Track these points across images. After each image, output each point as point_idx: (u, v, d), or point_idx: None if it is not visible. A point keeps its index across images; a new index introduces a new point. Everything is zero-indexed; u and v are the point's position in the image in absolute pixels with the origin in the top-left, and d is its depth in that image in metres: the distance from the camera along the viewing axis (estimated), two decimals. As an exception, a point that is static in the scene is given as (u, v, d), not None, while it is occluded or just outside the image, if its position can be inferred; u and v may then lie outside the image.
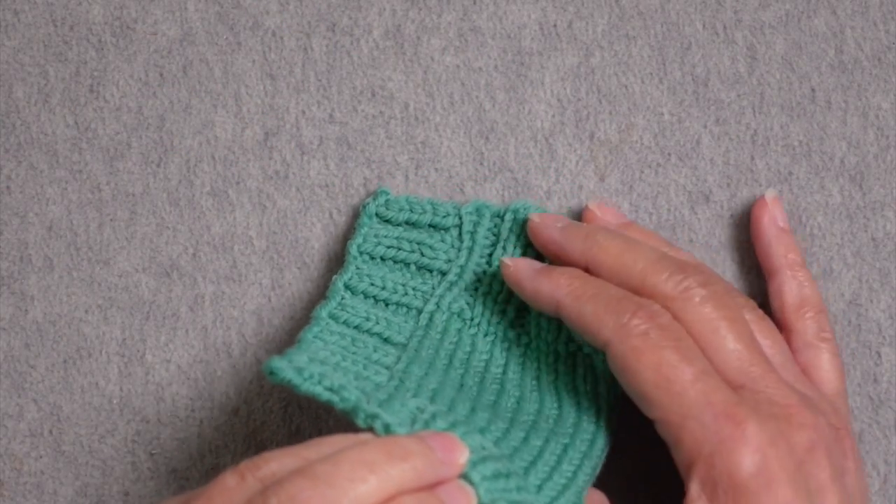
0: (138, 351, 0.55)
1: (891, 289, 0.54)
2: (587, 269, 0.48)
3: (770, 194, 0.53)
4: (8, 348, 0.55)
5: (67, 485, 0.54)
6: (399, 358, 0.49)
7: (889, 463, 0.53)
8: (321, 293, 0.55)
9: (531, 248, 0.52)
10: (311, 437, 0.53)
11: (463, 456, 0.41)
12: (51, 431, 0.54)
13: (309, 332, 0.49)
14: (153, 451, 0.54)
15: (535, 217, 0.51)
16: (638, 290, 0.47)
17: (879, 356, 0.53)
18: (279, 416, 0.54)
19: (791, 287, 0.51)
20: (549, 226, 0.50)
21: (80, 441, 0.54)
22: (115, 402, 0.54)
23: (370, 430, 0.41)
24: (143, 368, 0.55)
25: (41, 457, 0.54)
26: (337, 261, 0.55)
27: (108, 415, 0.54)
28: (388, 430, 0.41)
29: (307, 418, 0.54)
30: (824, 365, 0.50)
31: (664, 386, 0.44)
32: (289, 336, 0.55)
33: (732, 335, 0.46)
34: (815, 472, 0.44)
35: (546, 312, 0.49)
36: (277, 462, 0.38)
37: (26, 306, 0.55)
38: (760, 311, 0.50)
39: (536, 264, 0.49)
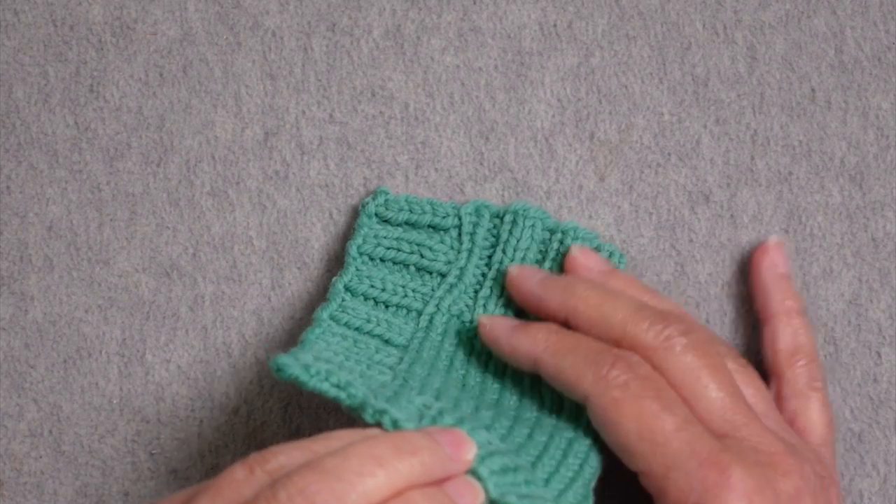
0: (138, 351, 0.55)
1: (891, 289, 0.54)
2: (566, 322, 0.48)
3: (773, 240, 0.52)
4: (8, 348, 0.55)
5: (67, 485, 0.54)
6: (401, 359, 0.49)
7: (889, 463, 0.53)
8: (321, 293, 0.55)
9: (530, 250, 0.52)
10: (311, 436, 0.54)
11: (471, 451, 0.41)
12: (51, 431, 0.54)
13: (311, 333, 0.49)
14: (153, 451, 0.54)
15: (513, 269, 0.51)
16: (619, 341, 0.46)
17: (879, 356, 0.53)
18: (279, 416, 0.54)
19: (786, 334, 0.51)
20: (528, 278, 0.50)
21: (80, 441, 0.54)
22: (115, 402, 0.54)
23: (378, 425, 0.41)
24: (143, 368, 0.55)
25: (41, 457, 0.54)
26: (337, 261, 0.55)
27: (108, 415, 0.54)
28: (396, 425, 0.41)
29: (307, 418, 0.54)
30: (813, 415, 0.50)
31: (647, 437, 0.44)
32: (289, 336, 0.55)
33: (714, 383, 0.46)
34: None
35: (524, 369, 0.48)
36: (286, 455, 0.38)
37: (26, 306, 0.55)
38: (743, 360, 0.50)
39: (513, 321, 0.49)
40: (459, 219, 0.53)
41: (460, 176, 0.55)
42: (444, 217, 0.53)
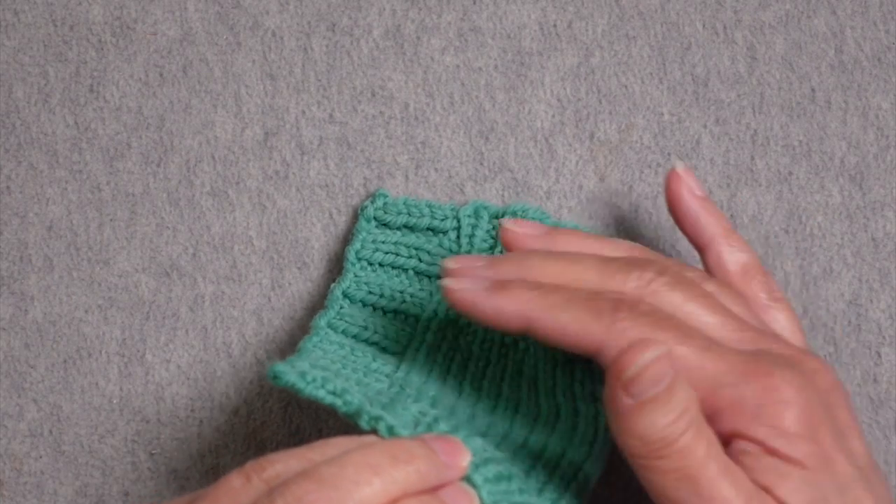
0: (138, 351, 0.55)
1: (891, 289, 0.54)
2: None
3: (680, 166, 0.50)
4: (8, 348, 0.55)
5: (67, 485, 0.54)
6: (398, 366, 0.49)
7: (889, 463, 0.53)
8: (321, 293, 0.55)
9: None
10: (311, 436, 0.54)
11: (465, 459, 0.40)
12: (51, 431, 0.54)
13: (309, 341, 0.49)
14: (153, 451, 0.54)
15: (450, 262, 0.45)
16: None
17: (879, 356, 0.53)
18: (279, 416, 0.54)
19: (731, 255, 0.49)
20: (472, 264, 0.45)
21: (80, 441, 0.54)
22: (115, 402, 0.54)
23: (373, 432, 0.41)
24: (143, 368, 0.55)
25: (41, 457, 0.54)
26: (337, 261, 0.55)
27: (108, 415, 0.54)
28: (391, 431, 0.41)
29: (307, 418, 0.54)
30: (783, 324, 0.49)
31: (679, 366, 0.41)
32: (289, 336, 0.55)
33: (708, 310, 0.44)
34: (838, 413, 0.43)
35: (510, 333, 0.45)
36: (282, 464, 0.38)
37: (26, 306, 0.55)
38: (717, 279, 0.48)
39: (484, 280, 0.44)
40: (458, 221, 0.53)
41: (460, 176, 0.55)
42: (442, 219, 0.53)
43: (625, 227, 0.54)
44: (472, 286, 0.44)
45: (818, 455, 0.41)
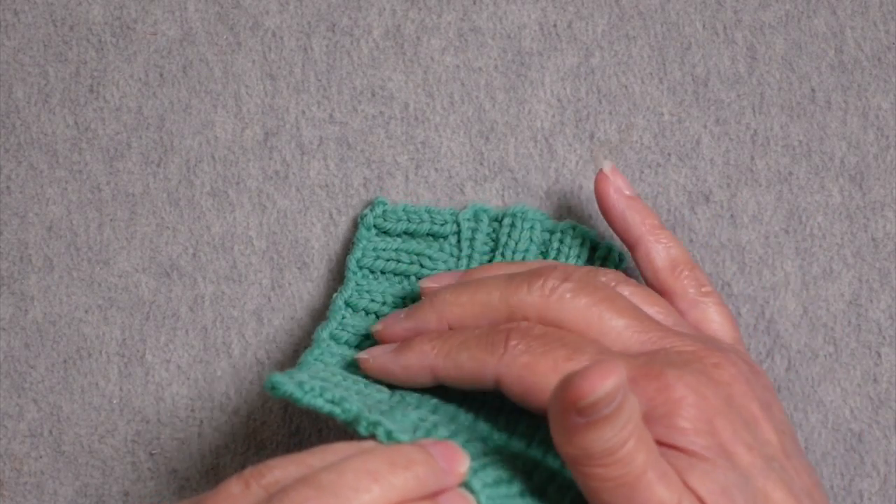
0: (138, 351, 0.55)
1: (891, 289, 0.54)
2: None
3: (607, 166, 0.51)
4: (8, 348, 0.55)
5: (67, 485, 0.54)
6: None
7: (889, 463, 0.53)
8: (321, 293, 0.55)
9: (529, 252, 0.52)
10: (310, 437, 0.54)
11: (464, 464, 0.40)
12: (51, 431, 0.54)
13: (310, 354, 0.49)
14: (153, 451, 0.54)
15: (377, 326, 0.49)
16: (509, 318, 0.46)
17: (879, 356, 0.53)
18: (279, 416, 0.54)
19: (658, 251, 0.50)
20: (395, 321, 0.48)
21: (80, 441, 0.54)
22: (115, 402, 0.54)
23: (372, 437, 0.41)
24: (143, 368, 0.55)
25: (41, 457, 0.54)
26: (337, 261, 0.55)
27: (108, 415, 0.54)
28: (390, 436, 0.41)
29: (307, 418, 0.54)
30: (714, 318, 0.49)
31: None
32: (289, 336, 0.55)
33: (615, 313, 0.45)
34: (744, 403, 0.44)
35: (424, 384, 0.47)
36: (281, 470, 0.38)
37: (26, 306, 0.55)
38: (634, 281, 0.49)
39: (391, 345, 0.48)
40: (458, 225, 0.53)
41: (460, 176, 0.55)
42: (442, 224, 0.53)
43: (625, 227, 0.54)
44: (382, 352, 0.47)
45: (716, 447, 0.41)
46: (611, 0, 0.55)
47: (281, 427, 0.54)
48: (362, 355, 0.48)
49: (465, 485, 0.40)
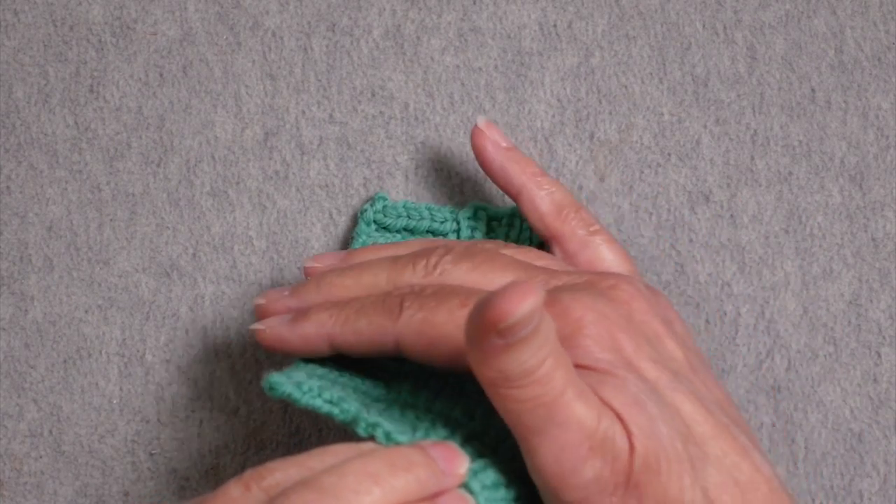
0: (138, 351, 0.55)
1: (891, 289, 0.54)
2: None
3: (481, 121, 0.51)
4: (8, 348, 0.55)
5: (67, 485, 0.54)
6: (395, 373, 0.49)
7: (889, 463, 0.53)
8: (321, 293, 0.55)
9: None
10: (310, 437, 0.54)
11: (463, 466, 0.40)
12: (51, 431, 0.54)
13: None
14: (153, 451, 0.54)
15: (259, 300, 0.48)
16: None
17: (879, 356, 0.53)
18: (279, 416, 0.54)
19: (542, 197, 0.50)
20: (278, 296, 0.48)
21: (80, 441, 0.54)
22: (115, 402, 0.54)
23: (371, 439, 0.41)
24: (143, 368, 0.55)
25: (41, 457, 0.54)
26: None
27: (108, 415, 0.54)
28: (389, 438, 0.41)
29: (307, 418, 0.54)
30: (606, 255, 0.49)
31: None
32: (289, 336, 0.55)
33: (499, 271, 0.45)
34: (645, 319, 0.44)
35: (321, 353, 0.46)
36: (282, 472, 0.38)
37: (26, 306, 0.55)
38: (513, 244, 0.49)
39: (285, 317, 0.47)
40: (458, 223, 0.53)
41: (460, 176, 0.55)
42: (442, 222, 0.53)
43: (625, 226, 0.54)
44: (278, 322, 0.46)
45: (621, 362, 0.41)
46: (611, 0, 0.55)
47: (281, 427, 0.54)
48: (257, 326, 0.47)
49: (465, 486, 0.40)
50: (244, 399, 0.54)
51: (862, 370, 0.53)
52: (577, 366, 0.41)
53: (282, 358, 0.54)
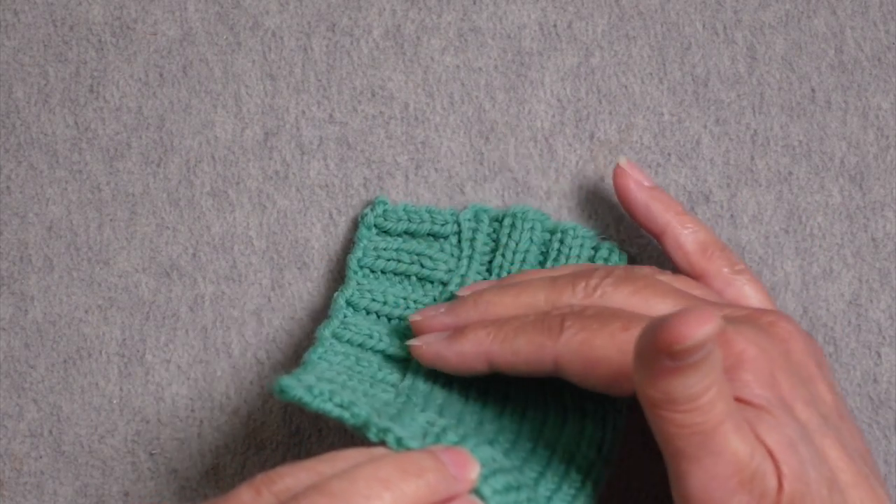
0: (138, 351, 0.55)
1: (891, 289, 0.54)
2: None
3: (623, 161, 0.52)
4: (8, 348, 0.55)
5: (67, 485, 0.54)
6: (404, 375, 0.49)
7: (889, 463, 0.53)
8: (321, 293, 0.55)
9: (530, 253, 0.52)
10: (310, 437, 0.54)
11: (474, 471, 0.40)
12: (51, 431, 0.54)
13: (314, 353, 0.49)
14: (153, 451, 0.54)
15: (416, 316, 0.49)
16: None
17: (879, 356, 0.53)
18: (279, 416, 0.54)
19: (686, 236, 0.51)
20: (434, 314, 0.48)
21: (80, 441, 0.54)
22: (115, 402, 0.54)
23: (382, 444, 0.41)
24: (143, 368, 0.55)
25: (41, 457, 0.54)
26: (337, 261, 0.55)
27: (108, 415, 0.54)
28: (400, 443, 0.41)
29: (307, 418, 0.54)
30: (750, 294, 0.50)
31: (628, 351, 0.42)
32: (289, 336, 0.55)
33: (661, 296, 0.45)
34: (801, 359, 0.44)
35: (479, 373, 0.47)
36: (293, 477, 0.38)
37: (26, 306, 0.55)
38: (670, 272, 0.49)
39: (442, 334, 0.47)
40: (458, 225, 0.53)
41: (460, 176, 0.55)
42: (443, 224, 0.53)
43: (625, 227, 0.54)
44: (436, 339, 0.47)
45: (777, 400, 0.41)
46: (611, 0, 0.55)
47: (281, 427, 0.54)
48: (414, 342, 0.48)
49: (476, 491, 0.40)
50: (244, 399, 0.54)
51: (862, 370, 0.53)
52: (736, 399, 0.41)
53: (285, 360, 0.54)
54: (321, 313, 0.54)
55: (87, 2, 0.56)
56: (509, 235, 0.53)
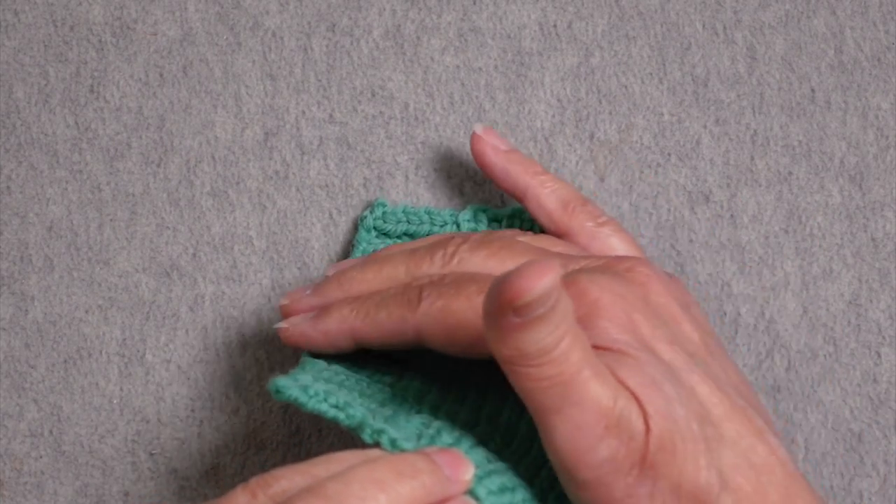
0: (138, 351, 0.55)
1: (891, 289, 0.54)
2: None
3: (479, 127, 0.52)
4: (8, 348, 0.55)
5: (67, 485, 0.54)
6: (401, 376, 0.49)
7: (889, 463, 0.53)
8: (321, 293, 0.55)
9: None
10: (310, 437, 0.54)
11: (469, 472, 0.40)
12: (51, 431, 0.54)
13: (310, 353, 0.49)
14: (153, 451, 0.54)
15: (283, 300, 0.49)
16: None
17: (879, 356, 0.53)
18: (279, 416, 0.54)
19: (546, 194, 0.51)
20: (300, 296, 0.49)
21: (80, 441, 0.54)
22: (115, 402, 0.54)
23: (377, 445, 0.41)
24: (143, 368, 0.55)
25: (41, 457, 0.54)
26: (337, 261, 0.55)
27: (108, 415, 0.54)
28: (394, 444, 0.41)
29: (307, 418, 0.54)
30: (617, 245, 0.50)
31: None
32: (289, 336, 0.55)
33: (518, 258, 0.45)
34: (661, 302, 0.44)
35: (347, 350, 0.47)
36: (288, 480, 0.38)
37: (26, 306, 0.55)
38: (531, 232, 0.50)
39: (307, 315, 0.48)
40: (458, 226, 0.53)
41: (460, 176, 0.55)
42: (442, 225, 0.53)
43: (625, 226, 0.54)
44: (301, 320, 0.47)
45: (637, 343, 0.41)
46: (611, 0, 0.55)
47: (281, 427, 0.54)
48: (281, 325, 0.48)
49: (471, 492, 0.40)
50: (244, 399, 0.54)
51: (862, 370, 0.53)
52: (594, 346, 0.41)
53: (284, 360, 0.54)
54: (321, 313, 0.54)
55: (87, 2, 0.56)
56: None
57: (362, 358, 0.49)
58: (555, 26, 0.55)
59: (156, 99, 0.56)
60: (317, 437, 0.54)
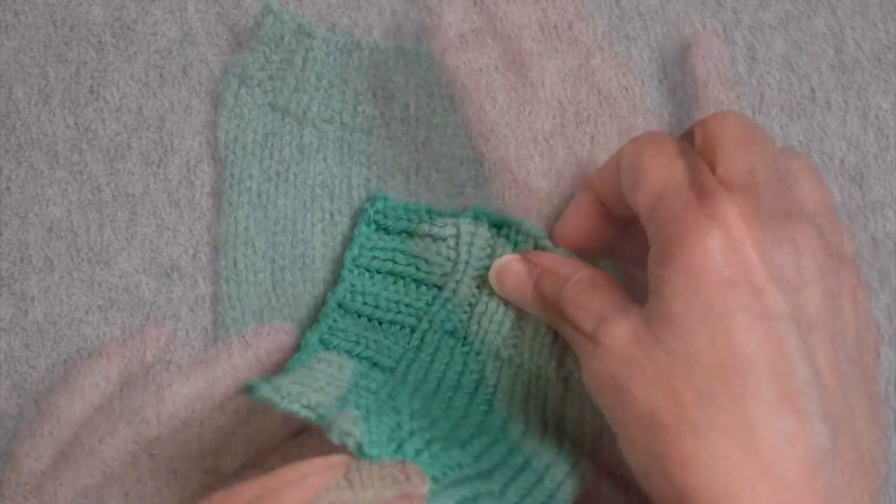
0: (138, 351, 0.55)
1: (891, 289, 0.54)
2: None
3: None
4: (8, 348, 0.55)
5: (67, 485, 0.54)
6: (386, 382, 0.49)
7: (889, 463, 0.53)
8: (321, 293, 0.55)
9: None
10: (310, 437, 0.54)
11: (423, 487, 0.41)
12: (51, 432, 0.54)
13: (297, 360, 0.49)
14: (153, 452, 0.54)
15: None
16: None
17: (879, 356, 0.53)
18: (279, 416, 0.54)
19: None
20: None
21: (80, 441, 0.54)
22: (115, 402, 0.54)
23: (344, 447, 0.41)
24: (142, 368, 0.55)
25: (41, 457, 0.54)
26: (337, 261, 0.55)
27: (108, 415, 0.54)
28: (360, 449, 0.41)
29: (307, 419, 0.54)
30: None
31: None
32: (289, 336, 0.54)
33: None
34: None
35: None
36: (249, 493, 0.39)
37: (26, 306, 0.55)
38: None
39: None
40: (457, 228, 0.53)
41: (460, 177, 0.55)
42: (441, 226, 0.53)
43: (625, 227, 0.54)
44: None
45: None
46: (611, 1, 0.55)
47: (281, 427, 0.54)
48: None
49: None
50: (244, 399, 0.54)
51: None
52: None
53: (282, 361, 0.54)
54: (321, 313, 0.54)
55: (87, 2, 0.57)
56: (505, 247, 0.52)
57: (350, 366, 0.49)
58: (555, 27, 0.55)
59: (156, 99, 0.56)
60: (317, 437, 0.54)
